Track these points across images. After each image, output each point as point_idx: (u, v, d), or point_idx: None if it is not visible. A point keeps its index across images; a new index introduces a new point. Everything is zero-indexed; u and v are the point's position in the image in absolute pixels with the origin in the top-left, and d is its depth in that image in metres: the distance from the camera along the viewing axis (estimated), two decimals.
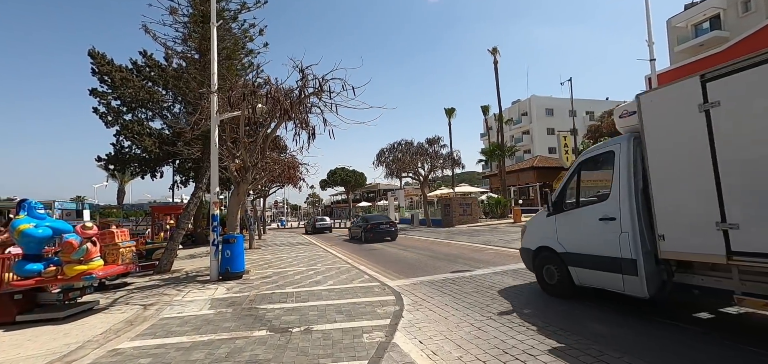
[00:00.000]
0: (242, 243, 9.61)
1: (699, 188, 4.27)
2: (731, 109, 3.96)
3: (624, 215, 5.10)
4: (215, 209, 9.47)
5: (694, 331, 4.50)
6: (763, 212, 3.73)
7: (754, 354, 3.76)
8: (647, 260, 4.87)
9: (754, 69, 3.79)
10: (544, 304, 5.98)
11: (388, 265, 11.51)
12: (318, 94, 10.04)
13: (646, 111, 4.78)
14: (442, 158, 29.44)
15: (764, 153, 3.70)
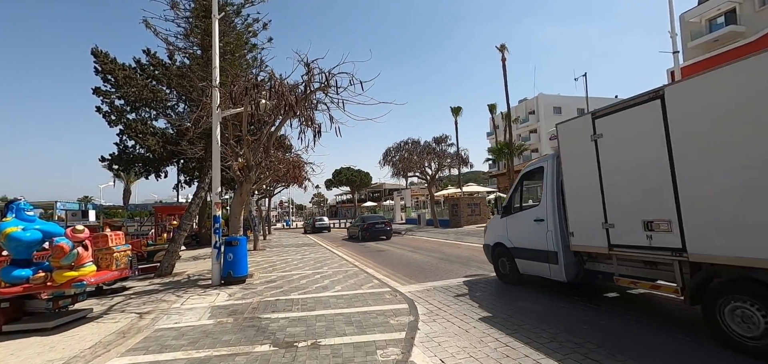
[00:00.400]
0: (245, 246, 9.16)
1: (592, 197, 5.57)
2: (610, 140, 5.33)
3: (549, 217, 6.48)
4: (217, 209, 9.03)
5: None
6: (626, 217, 5.12)
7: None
8: (566, 253, 6.21)
9: (626, 111, 5.06)
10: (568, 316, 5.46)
11: (397, 268, 11.01)
12: (324, 89, 9.57)
13: (561, 137, 6.19)
14: (450, 157, 28.86)
15: (631, 177, 5.06)
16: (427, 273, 9.85)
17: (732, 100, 3.92)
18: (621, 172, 5.19)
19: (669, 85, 4.65)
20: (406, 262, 12.16)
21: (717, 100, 4.05)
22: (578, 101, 65.01)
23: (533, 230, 6.80)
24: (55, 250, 5.73)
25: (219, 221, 9.09)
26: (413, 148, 29.69)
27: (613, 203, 5.31)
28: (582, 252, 6.08)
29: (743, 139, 3.83)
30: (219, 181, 9.14)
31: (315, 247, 18.71)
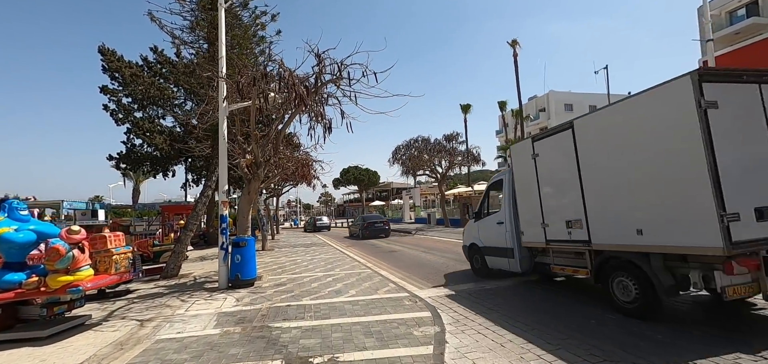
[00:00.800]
0: (254, 247, 8.69)
1: (534, 203, 6.88)
2: (545, 158, 6.65)
3: (506, 219, 7.74)
4: (224, 208, 8.57)
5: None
6: (556, 217, 6.37)
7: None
8: (519, 249, 7.43)
9: (552, 136, 6.47)
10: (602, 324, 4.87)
11: (412, 270, 10.47)
12: (336, 81, 9.04)
13: (513, 155, 7.84)
14: (461, 155, 28.19)
15: (557, 188, 6.44)
16: (441, 275, 9.29)
17: (606, 134, 5.47)
18: (551, 183, 6.64)
19: (576, 119, 6.04)
20: (420, 263, 11.61)
21: (598, 134, 5.61)
22: (590, 98, 63.81)
23: (496, 232, 8.11)
24: (49, 252, 5.29)
25: (226, 221, 8.63)
26: (423, 146, 29.08)
27: (547, 207, 6.68)
28: (531, 247, 7.32)
29: (614, 163, 5.32)
30: (226, 178, 8.67)
31: (324, 247, 18.24)
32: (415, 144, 29.05)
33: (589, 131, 5.71)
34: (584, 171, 5.76)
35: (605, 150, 5.43)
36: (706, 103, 4.29)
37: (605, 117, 5.53)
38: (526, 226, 7.23)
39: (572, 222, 6.03)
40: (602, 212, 5.55)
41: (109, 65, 20.40)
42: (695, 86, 4.30)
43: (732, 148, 4.35)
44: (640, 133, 4.93)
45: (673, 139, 4.57)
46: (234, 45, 11.63)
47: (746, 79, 4.62)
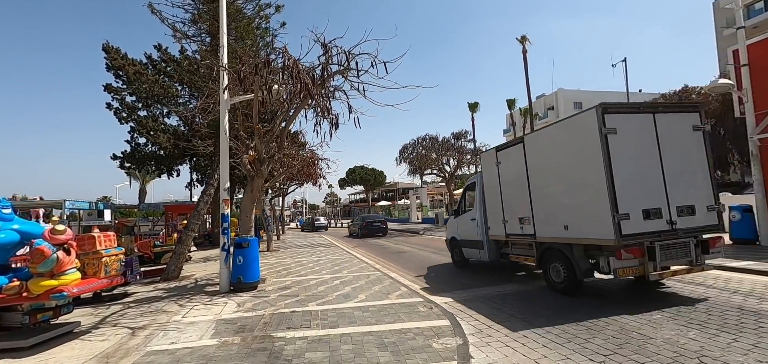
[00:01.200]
0: (257, 248, 8.20)
1: (497, 202, 8.12)
2: (505, 166, 7.91)
3: (478, 216, 9.01)
4: (225, 207, 8.09)
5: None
6: (513, 215, 7.67)
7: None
8: (488, 241, 8.67)
9: (509, 148, 7.85)
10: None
11: (423, 272, 9.92)
12: (343, 72, 8.53)
13: (483, 161, 9.05)
14: (470, 153, 27.55)
15: (513, 190, 7.65)
16: (458, 279, 8.73)
17: (543, 149, 6.86)
18: (510, 186, 7.82)
19: (526, 135, 7.51)
20: (430, 265, 11.05)
21: (539, 149, 6.96)
22: (600, 96, 62.60)
23: (470, 227, 9.39)
24: (34, 254, 4.83)
25: (228, 220, 8.15)
26: (431, 144, 28.51)
27: (507, 206, 7.92)
28: (496, 240, 8.48)
29: (548, 172, 6.72)
30: (228, 175, 8.20)
31: (330, 248, 17.74)
32: (422, 143, 28.48)
33: (534, 146, 7.15)
34: (531, 178, 7.13)
35: (543, 162, 6.88)
36: (607, 129, 5.56)
37: (543, 136, 7.21)
38: (492, 222, 8.54)
39: (523, 219, 7.38)
40: (542, 211, 6.88)
41: (112, 63, 20.10)
42: (599, 117, 5.55)
43: (627, 163, 5.60)
44: (564, 151, 6.35)
45: (584, 156, 5.89)
46: (237, 38, 11.19)
47: (643, 110, 6.02)
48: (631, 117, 5.83)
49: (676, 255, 5.66)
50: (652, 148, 5.76)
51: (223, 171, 8.12)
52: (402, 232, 27.62)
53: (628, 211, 5.45)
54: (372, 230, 24.94)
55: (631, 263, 5.53)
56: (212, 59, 8.51)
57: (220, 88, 7.98)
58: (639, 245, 5.52)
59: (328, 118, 10.53)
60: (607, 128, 5.52)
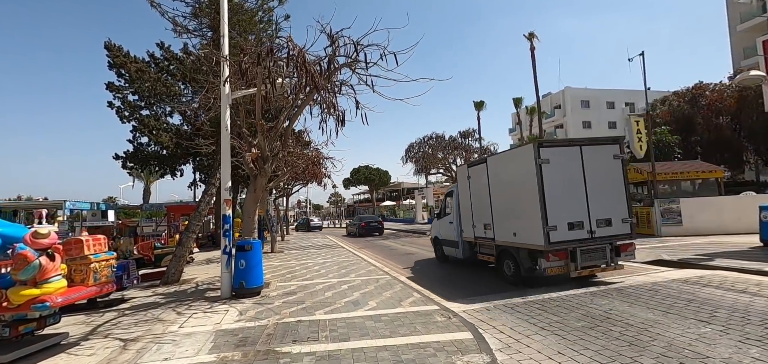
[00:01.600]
0: (260, 251, 7.73)
1: (468, 209, 9.60)
2: (474, 180, 9.31)
3: (454, 220, 10.53)
4: (227, 207, 7.63)
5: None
6: (480, 221, 9.05)
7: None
8: (462, 242, 10.19)
9: (477, 166, 9.32)
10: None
11: (435, 276, 9.41)
12: (351, 65, 8.04)
13: (458, 174, 11.13)
14: (477, 152, 26.97)
15: (480, 201, 9.01)
16: (475, 284, 8.22)
17: (499, 170, 8.33)
18: (478, 197, 9.10)
19: (488, 157, 9.20)
20: (443, 269, 10.54)
21: (497, 169, 8.42)
22: (607, 94, 61.85)
23: (449, 228, 10.95)
24: (17, 259, 4.39)
25: (229, 222, 7.69)
26: (437, 143, 27.97)
27: (475, 213, 9.26)
28: (469, 241, 9.84)
29: (503, 189, 8.15)
30: (229, 174, 7.74)
31: (336, 249, 17.27)
32: (428, 141, 27.95)
33: (494, 167, 8.61)
34: (492, 192, 8.49)
35: (499, 180, 8.29)
36: (541, 160, 6.97)
37: (499, 159, 8.86)
38: (464, 225, 9.93)
39: (487, 225, 8.72)
40: (499, 220, 8.27)
41: (114, 61, 19.77)
42: (535, 150, 7.02)
43: (557, 186, 6.99)
44: (513, 174, 7.83)
45: (525, 180, 7.24)
46: (239, 31, 10.74)
47: (571, 144, 7.51)
48: (562, 149, 7.34)
49: (594, 258, 7.20)
50: (578, 173, 7.23)
51: (224, 170, 7.67)
52: (408, 232, 27.11)
53: (556, 223, 6.92)
54: (370, 229, 26.80)
55: (558, 263, 7.02)
56: (212, 49, 8.05)
57: (221, 81, 7.52)
58: (564, 249, 6.99)
59: (334, 115, 10.07)
60: (542, 159, 7.01)
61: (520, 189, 7.42)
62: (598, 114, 59.91)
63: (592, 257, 7.14)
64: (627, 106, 61.42)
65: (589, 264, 7.13)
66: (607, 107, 60.74)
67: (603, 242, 7.15)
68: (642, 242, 12.51)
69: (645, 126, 13.91)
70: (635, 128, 13.70)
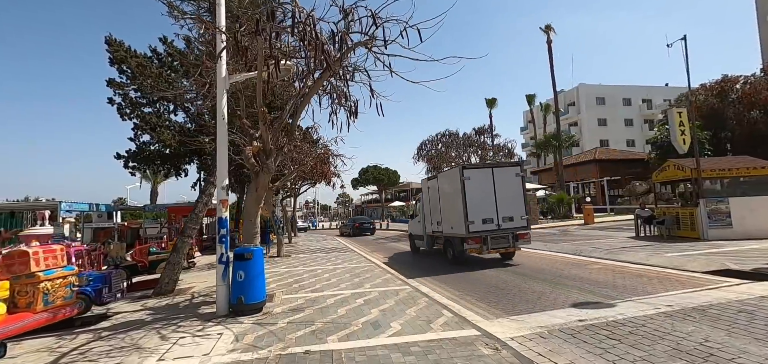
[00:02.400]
0: (262, 259, 6.64)
1: (428, 211, 13.10)
2: (431, 190, 12.83)
3: (421, 220, 13.60)
4: (223, 209, 6.55)
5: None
6: (434, 218, 12.55)
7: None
8: (427, 236, 13.23)
9: (433, 179, 12.95)
10: None
11: (463, 286, 8.22)
12: (367, 43, 6.91)
13: (423, 184, 14.30)
14: (493, 150, 25.67)
15: (435, 204, 12.48)
16: (512, 298, 7.02)
17: (443, 183, 11.93)
18: (433, 202, 12.54)
19: (439, 174, 13.02)
20: (468, 278, 9.34)
21: (443, 183, 11.99)
22: (623, 91, 59.87)
23: (418, 226, 14.07)
24: None
25: (226, 226, 6.61)
26: (450, 140, 26.74)
27: (433, 214, 12.53)
28: (430, 235, 13.05)
29: (446, 196, 11.61)
30: (226, 170, 6.67)
31: (346, 253, 16.15)
32: (442, 139, 26.72)
33: (441, 181, 12.03)
34: (441, 199, 11.89)
35: (444, 191, 11.65)
36: (464, 177, 10.36)
37: (442, 176, 12.27)
38: (427, 223, 13.16)
39: (438, 222, 11.99)
40: (445, 218, 11.59)
41: (115, 56, 18.93)
42: (461, 171, 10.47)
43: (475, 194, 10.34)
44: (449, 186, 11.26)
45: (455, 190, 10.66)
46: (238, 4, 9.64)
47: (485, 166, 11.26)
48: (479, 170, 10.91)
49: (501, 243, 10.44)
50: (490, 186, 10.52)
51: (220, 166, 6.59)
52: None
53: (474, 219, 10.24)
54: (362, 229, 29.60)
55: (475, 247, 10.27)
56: (207, 23, 6.98)
57: (216, 60, 6.45)
58: (479, 237, 10.24)
59: (346, 106, 8.98)
60: (465, 177, 10.37)
61: (454, 197, 10.87)
62: (614, 111, 58.08)
63: (499, 242, 10.49)
64: (644, 102, 59.50)
65: (496, 247, 10.52)
66: (623, 104, 58.83)
67: (507, 232, 10.47)
68: (691, 246, 11.20)
69: (688, 118, 12.52)
70: (677, 120, 12.36)
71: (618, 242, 13.20)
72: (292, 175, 16.01)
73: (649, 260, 9.56)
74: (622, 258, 10.22)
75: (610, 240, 14.02)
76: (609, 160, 33.01)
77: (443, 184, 11.89)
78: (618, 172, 31.96)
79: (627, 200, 26.60)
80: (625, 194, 26.98)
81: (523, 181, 10.94)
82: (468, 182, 10.35)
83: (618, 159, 33.37)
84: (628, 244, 12.75)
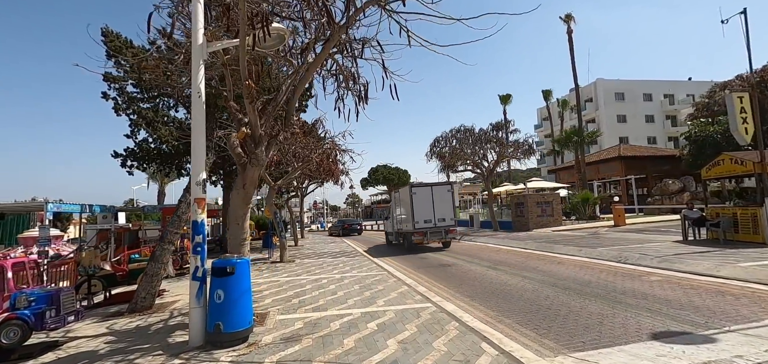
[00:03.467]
0: (248, 275, 5.23)
1: (394, 214, 18.98)
2: (395, 199, 19.27)
3: (392, 220, 19.37)
4: (199, 210, 5.18)
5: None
6: (398, 221, 18.21)
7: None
8: (396, 233, 18.51)
9: (396, 192, 19.46)
10: None
11: (497, 304, 6.69)
12: (383, 2, 5.48)
13: (392, 194, 21.26)
14: (511, 146, 23.94)
15: (397, 209, 18.53)
16: (563, 321, 5.49)
17: (402, 196, 17.70)
18: (397, 208, 18.32)
19: (401, 188, 19.79)
20: (501, 291, 7.81)
21: (401, 195, 17.91)
22: (644, 85, 57.38)
23: (389, 226, 19.83)
24: None
25: (202, 232, 5.24)
26: (465, 137, 25.08)
27: (398, 216, 18.02)
28: (396, 232, 18.37)
29: (403, 204, 17.40)
30: (203, 161, 5.30)
31: (355, 258, 14.72)
32: (456, 135, 25.12)
33: (401, 193, 17.72)
34: (401, 206, 17.42)
35: (402, 200, 17.32)
36: (412, 192, 16.24)
37: (401, 191, 18.08)
38: (394, 223, 18.32)
39: (399, 222, 17.59)
40: (401, 220, 17.29)
41: (111, 46, 17.87)
42: (411, 189, 16.55)
43: (420, 204, 16.00)
44: (404, 197, 16.81)
45: (407, 201, 16.21)
46: None
47: (427, 185, 16.75)
48: (423, 188, 16.48)
49: (437, 236, 16.01)
50: (430, 198, 15.95)
51: (196, 155, 5.22)
52: None
53: (418, 220, 15.70)
54: (350, 230, 33.57)
55: (420, 238, 15.75)
56: None
57: (192, 24, 5.09)
58: (422, 232, 15.72)
59: (355, 90, 7.62)
60: (413, 192, 16.12)
61: (407, 205, 16.12)
62: (634, 107, 55.70)
63: (435, 236, 15.88)
64: (666, 97, 56.99)
65: (434, 239, 15.99)
66: (644, 99, 56.37)
67: (440, 229, 15.81)
68: (760, 253, 9.49)
69: (751, 103, 10.78)
70: (738, 107, 10.63)
71: (666, 248, 11.51)
72: (297, 173, 14.66)
73: (720, 272, 7.91)
74: (681, 268, 8.58)
75: (654, 245, 12.34)
76: (635, 156, 30.97)
77: (401, 195, 17.69)
78: (644, 169, 29.95)
79: (658, 200, 24.66)
80: (655, 193, 25.05)
81: (453, 195, 16.91)
82: (415, 196, 16.01)
83: (644, 156, 31.32)
84: (679, 249, 11.06)
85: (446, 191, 16.44)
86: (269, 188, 14.69)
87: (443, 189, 16.52)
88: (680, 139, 56.39)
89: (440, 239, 16.14)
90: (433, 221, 15.72)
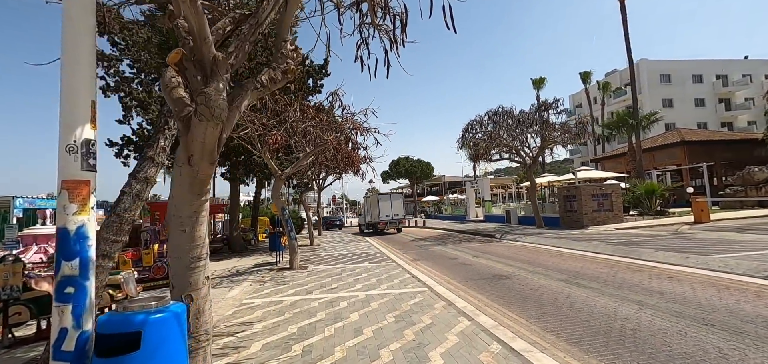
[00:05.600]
0: (180, 341, 2.47)
1: (367, 211, 31.62)
2: (366, 200, 35.34)
3: (364, 215, 33.44)
4: (73, 205, 2.45)
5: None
6: (368, 216, 30.61)
7: None
8: (366, 224, 30.96)
9: (367, 197, 35.23)
10: None
11: (591, 342, 3.74)
12: None
13: (364, 198, 40.03)
14: (559, 129, 20.41)
15: (367, 208, 31.90)
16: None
17: (371, 199, 30.48)
18: (366, 208, 32.28)
19: (372, 194, 31.67)
20: (617, 333, 4.78)
21: (371, 198, 30.68)
22: (693, 66, 51.90)
23: (362, 219, 33.74)
24: None
25: (84, 254, 2.49)
26: (502, 120, 21.73)
27: (367, 213, 31.10)
28: (368, 223, 29.93)
29: (372, 205, 29.61)
30: (88, 99, 2.56)
31: (382, 262, 11.91)
32: (492, 118, 21.83)
33: (371, 197, 30.56)
34: (370, 206, 29.63)
35: (371, 202, 29.78)
36: (379, 198, 29.19)
37: (371, 195, 31.05)
38: (365, 217, 31.44)
39: (369, 216, 29.51)
40: (371, 215, 29.32)
41: (104, 23, 15.69)
42: (376, 195, 29.69)
43: (384, 205, 28.63)
44: (373, 199, 29.49)
45: (375, 202, 28.83)
46: None
47: (388, 194, 30.90)
48: (386, 195, 30.50)
49: (392, 225, 28.71)
50: (389, 202, 28.87)
51: (66, 88, 2.48)
52: (469, 235, 21.31)
53: (381, 216, 28.14)
54: (332, 226, 41.90)
55: (382, 227, 28.39)
56: None
57: None
58: (383, 222, 28.16)
59: (384, 27, 5.07)
60: (379, 199, 28.94)
61: (374, 205, 28.41)
62: (683, 90, 50.56)
63: (391, 226, 28.48)
64: (718, 79, 51.52)
65: (391, 227, 28.60)
66: (694, 81, 51.10)
67: (396, 221, 28.41)
68: None
69: None
70: None
71: None
72: (309, 159, 11.94)
73: None
74: None
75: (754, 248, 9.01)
76: (701, 141, 26.87)
77: (371, 199, 29.35)
78: (711, 157, 25.88)
79: (740, 191, 20.83)
80: (736, 183, 21.23)
81: (404, 200, 32.64)
82: (381, 200, 28.58)
83: (714, 140, 27.16)
84: None
85: (401, 198, 30.89)
86: (275, 177, 12.03)
87: (399, 196, 30.61)
88: (736, 122, 51.10)
89: (395, 226, 28.70)
90: (390, 216, 28.08)
